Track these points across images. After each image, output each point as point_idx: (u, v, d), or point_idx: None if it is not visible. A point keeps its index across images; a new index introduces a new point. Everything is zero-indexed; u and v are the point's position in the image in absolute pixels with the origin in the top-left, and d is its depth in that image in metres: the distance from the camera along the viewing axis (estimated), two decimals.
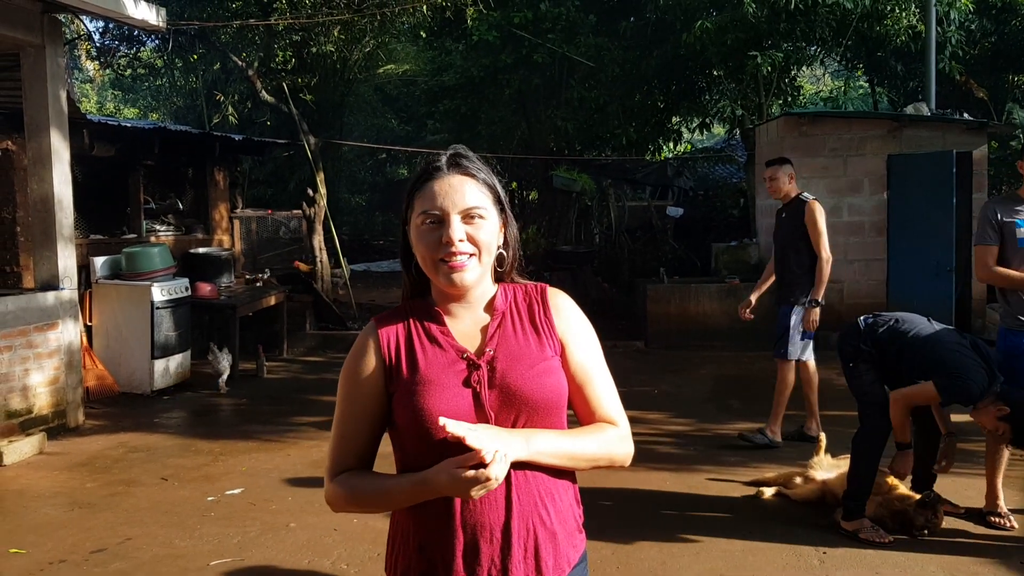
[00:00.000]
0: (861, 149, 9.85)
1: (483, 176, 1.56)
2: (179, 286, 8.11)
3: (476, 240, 1.51)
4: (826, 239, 5.69)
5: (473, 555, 1.46)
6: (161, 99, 26.28)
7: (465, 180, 1.53)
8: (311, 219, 12.08)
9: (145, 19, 6.53)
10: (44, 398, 6.37)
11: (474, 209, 1.51)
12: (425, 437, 1.48)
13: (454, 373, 1.51)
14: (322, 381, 8.34)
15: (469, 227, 1.51)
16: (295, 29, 12.42)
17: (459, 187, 1.52)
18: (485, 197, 1.54)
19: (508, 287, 1.63)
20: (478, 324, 1.57)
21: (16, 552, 4.10)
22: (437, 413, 1.46)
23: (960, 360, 3.89)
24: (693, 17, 12.13)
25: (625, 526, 4.29)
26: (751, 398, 7.29)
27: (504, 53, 14.45)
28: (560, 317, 1.60)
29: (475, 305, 1.59)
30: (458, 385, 1.49)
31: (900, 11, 11.31)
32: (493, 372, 1.50)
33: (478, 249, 1.52)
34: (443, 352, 1.53)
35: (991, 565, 3.82)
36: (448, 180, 1.52)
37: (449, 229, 1.49)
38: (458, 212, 1.50)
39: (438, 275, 1.52)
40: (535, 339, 1.56)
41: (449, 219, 1.49)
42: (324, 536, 4.25)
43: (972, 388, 3.85)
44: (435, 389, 1.49)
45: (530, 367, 1.52)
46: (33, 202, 6.58)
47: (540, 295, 1.62)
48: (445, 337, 1.55)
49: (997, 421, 3.89)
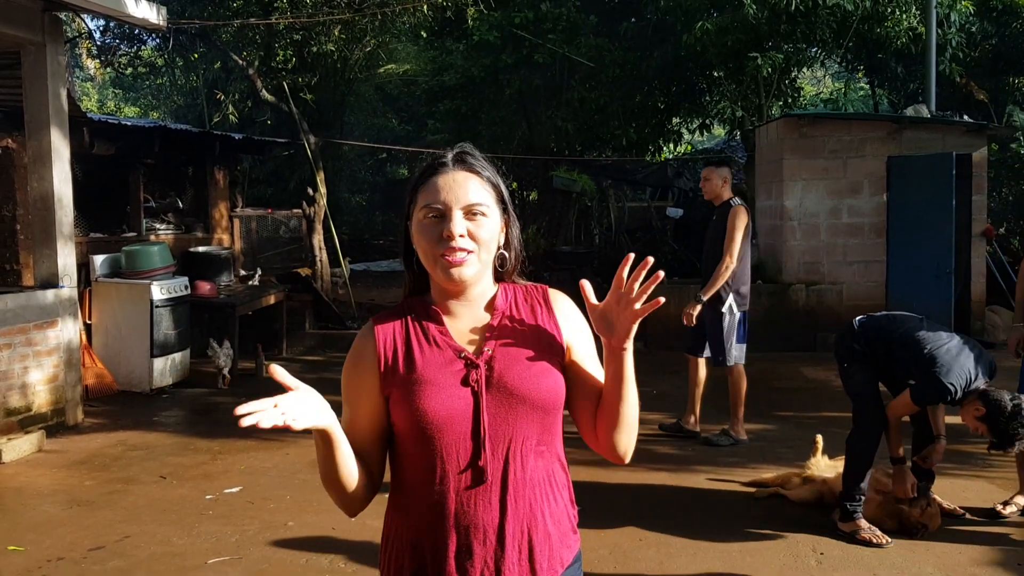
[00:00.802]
0: (861, 151, 9.86)
1: (487, 174, 1.56)
2: (179, 285, 8.11)
3: (476, 237, 1.51)
4: (737, 246, 5.69)
5: (466, 555, 1.46)
6: (161, 98, 26.29)
7: (469, 176, 1.53)
8: (311, 218, 12.09)
9: (146, 17, 6.53)
10: (43, 396, 6.37)
11: (476, 206, 1.51)
12: (422, 437, 1.47)
13: (452, 373, 1.50)
14: (322, 380, 8.24)
15: (470, 223, 1.51)
16: (296, 28, 12.43)
17: (463, 183, 1.52)
18: (488, 195, 1.54)
19: (508, 287, 1.63)
20: (477, 323, 1.57)
21: (15, 550, 4.11)
22: (434, 413, 1.46)
23: (939, 359, 3.88)
24: (693, 18, 12.13)
25: (623, 526, 4.30)
26: (749, 399, 7.28)
27: (505, 53, 14.46)
28: (565, 319, 1.61)
29: (475, 304, 1.58)
30: (456, 385, 1.49)
31: (901, 13, 11.33)
32: (491, 372, 1.50)
33: (478, 246, 1.51)
34: (440, 352, 1.53)
35: (989, 567, 3.82)
36: (452, 175, 1.53)
37: (450, 223, 1.49)
38: (460, 207, 1.50)
39: (437, 269, 1.52)
40: (536, 340, 1.55)
41: (451, 213, 1.49)
42: (322, 535, 4.26)
43: (944, 390, 3.85)
44: (432, 389, 1.48)
45: (529, 367, 1.51)
46: (33, 200, 6.58)
47: (542, 296, 1.62)
48: (443, 336, 1.54)
49: (976, 421, 3.89)
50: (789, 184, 9.97)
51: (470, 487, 1.47)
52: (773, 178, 10.43)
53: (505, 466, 1.48)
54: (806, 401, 7.35)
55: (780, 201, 10.10)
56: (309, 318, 10.77)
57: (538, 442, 1.52)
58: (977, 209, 9.75)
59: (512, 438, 1.49)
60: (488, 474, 1.46)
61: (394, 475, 1.59)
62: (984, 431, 3.89)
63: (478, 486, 1.47)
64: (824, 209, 9.95)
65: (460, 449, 1.47)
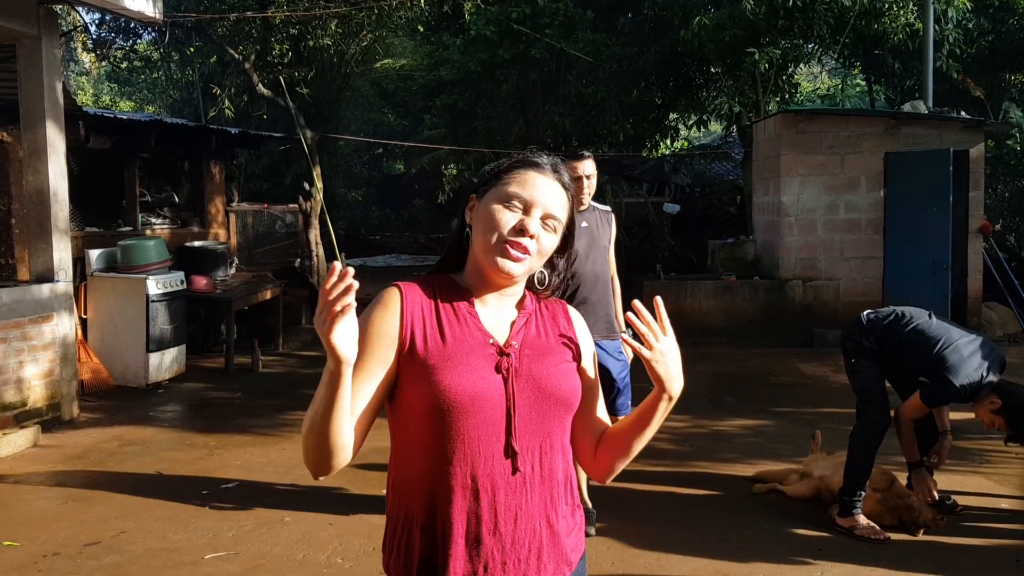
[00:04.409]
0: (858, 147, 9.86)
1: (568, 197, 1.61)
2: (174, 279, 8.09)
3: (540, 244, 1.55)
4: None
5: (475, 546, 1.45)
6: (157, 92, 26.18)
7: (561, 191, 1.59)
8: (307, 213, 12.06)
9: (142, 11, 6.50)
10: (39, 391, 6.35)
11: (553, 219, 1.56)
12: (441, 418, 1.44)
13: (483, 356, 1.49)
14: (318, 376, 8.19)
15: (541, 230, 1.55)
16: (292, 22, 12.39)
17: (555, 193, 1.57)
18: (564, 214, 1.59)
19: (532, 296, 1.66)
20: (505, 317, 1.58)
21: (10, 545, 4.09)
22: (461, 393, 1.44)
23: (949, 359, 3.87)
24: (691, 13, 12.12)
25: (621, 522, 4.29)
26: (747, 395, 7.31)
27: (502, 48, 14.42)
28: (581, 333, 1.66)
29: (506, 299, 1.60)
30: (487, 368, 1.48)
31: (898, 9, 11.32)
32: (520, 363, 1.51)
33: (537, 253, 1.55)
34: (471, 333, 1.52)
35: (987, 563, 3.82)
36: (549, 179, 1.58)
37: (529, 220, 1.52)
38: (543, 211, 1.54)
39: (492, 254, 1.52)
40: (557, 343, 1.59)
41: (533, 211, 1.54)
42: (319, 530, 4.25)
43: (954, 391, 3.84)
44: (462, 369, 1.46)
45: (555, 365, 1.55)
46: (28, 194, 6.55)
47: (563, 309, 1.68)
48: (473, 319, 1.55)
49: (992, 415, 3.88)
50: (786, 180, 9.97)
51: (492, 476, 1.46)
52: (770, 174, 10.43)
53: (534, 460, 1.49)
54: (803, 397, 7.36)
55: (777, 197, 10.10)
56: (305, 313, 10.76)
57: (561, 440, 1.56)
58: (974, 205, 9.76)
59: (544, 433, 1.51)
60: (518, 464, 1.47)
61: (402, 458, 1.53)
62: (1000, 424, 3.89)
63: (501, 477, 1.46)
64: (821, 205, 9.95)
65: (485, 436, 1.45)
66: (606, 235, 4.34)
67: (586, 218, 4.23)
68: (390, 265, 19.66)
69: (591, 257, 4.19)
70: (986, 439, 5.51)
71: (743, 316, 9.88)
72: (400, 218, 24.98)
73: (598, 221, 4.32)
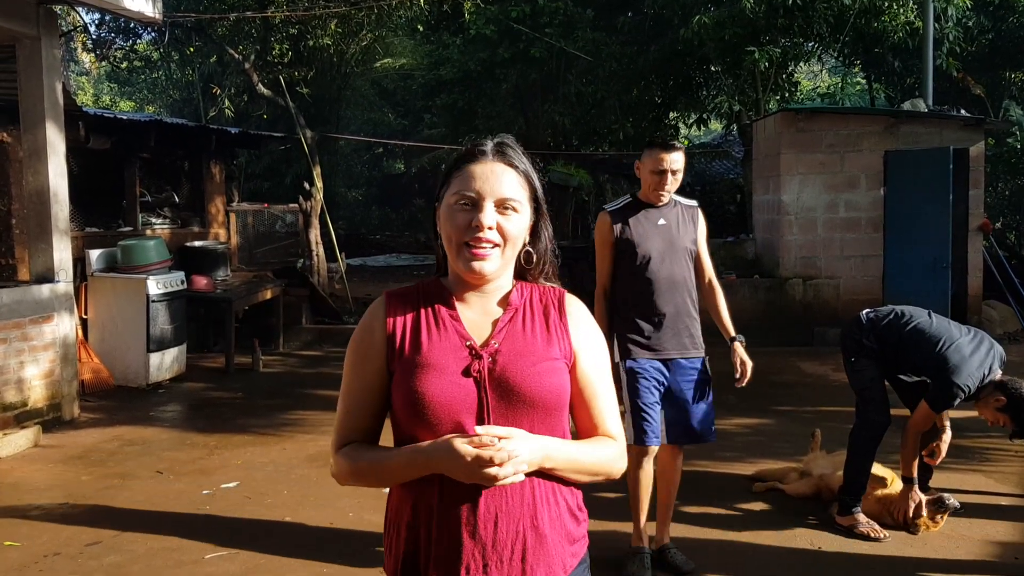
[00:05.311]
0: (858, 145, 9.86)
1: (524, 168, 1.55)
2: (175, 279, 8.09)
3: (504, 231, 1.50)
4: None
5: (455, 547, 1.44)
6: (157, 92, 26.20)
7: (507, 169, 1.52)
8: (307, 213, 12.06)
9: (141, 11, 6.50)
10: (39, 391, 6.35)
11: (509, 200, 1.50)
12: (419, 422, 1.46)
13: (456, 360, 1.49)
14: (319, 375, 8.34)
15: (501, 217, 1.50)
16: (292, 22, 12.40)
17: (500, 175, 1.51)
18: (522, 190, 1.53)
19: (525, 286, 1.61)
20: (489, 316, 1.56)
21: (11, 545, 4.09)
22: (433, 397, 1.45)
23: (951, 359, 3.86)
24: (691, 12, 12.13)
25: (619, 521, 4.29)
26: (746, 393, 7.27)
27: (501, 47, 14.43)
28: (576, 326, 1.59)
29: (489, 296, 1.57)
30: (457, 372, 1.47)
31: (898, 7, 11.32)
32: (494, 364, 1.48)
33: (504, 241, 1.50)
34: (448, 337, 1.52)
35: (985, 560, 3.83)
36: (490, 166, 1.52)
37: (481, 214, 1.48)
38: (493, 199, 1.49)
39: (459, 259, 1.51)
40: (544, 339, 1.54)
41: (483, 204, 1.49)
42: (320, 530, 4.25)
43: (959, 392, 3.84)
44: (434, 373, 1.47)
45: (533, 365, 1.50)
46: (28, 195, 6.56)
47: (558, 300, 1.60)
48: (453, 323, 1.53)
49: (996, 412, 3.88)
50: (786, 178, 9.97)
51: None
52: (770, 172, 10.43)
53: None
54: (803, 395, 7.36)
55: (777, 196, 10.10)
56: (306, 313, 10.76)
57: None
58: (974, 203, 9.76)
59: None
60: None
61: None
62: (1005, 421, 3.89)
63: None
64: (821, 203, 9.95)
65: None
66: (689, 235, 3.80)
67: (665, 215, 3.74)
68: (390, 265, 19.65)
69: (667, 259, 3.69)
70: (986, 437, 5.51)
71: (743, 315, 9.78)
72: (400, 217, 24.99)
73: (680, 218, 3.79)
